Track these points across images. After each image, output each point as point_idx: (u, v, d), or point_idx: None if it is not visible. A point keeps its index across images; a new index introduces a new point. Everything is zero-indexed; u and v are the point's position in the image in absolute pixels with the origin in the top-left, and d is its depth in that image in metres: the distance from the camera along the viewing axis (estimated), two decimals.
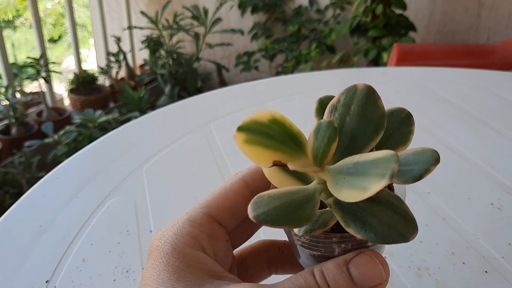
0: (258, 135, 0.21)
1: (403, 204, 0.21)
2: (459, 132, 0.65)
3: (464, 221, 0.47)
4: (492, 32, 2.13)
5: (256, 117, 0.22)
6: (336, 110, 0.23)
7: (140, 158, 0.60)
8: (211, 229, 0.25)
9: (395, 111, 0.25)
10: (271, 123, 0.22)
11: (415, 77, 0.87)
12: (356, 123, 0.23)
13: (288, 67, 2.33)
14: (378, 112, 0.22)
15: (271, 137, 0.22)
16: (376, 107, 0.23)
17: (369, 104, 0.23)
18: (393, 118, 0.25)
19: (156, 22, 2.39)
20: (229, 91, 0.81)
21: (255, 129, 0.21)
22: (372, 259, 0.22)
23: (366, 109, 0.23)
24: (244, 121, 0.21)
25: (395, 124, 0.25)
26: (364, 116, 0.22)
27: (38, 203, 0.51)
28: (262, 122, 0.22)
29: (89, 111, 1.87)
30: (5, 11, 3.94)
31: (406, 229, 0.20)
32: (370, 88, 0.23)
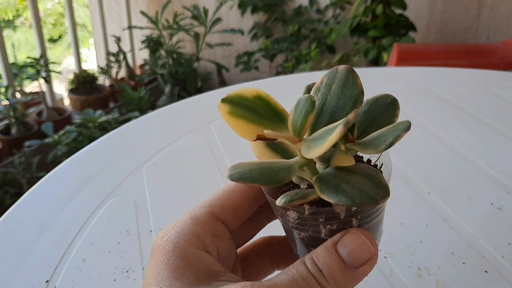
0: (242, 109, 0.23)
1: (378, 174, 0.22)
2: (459, 132, 0.65)
3: (464, 221, 0.47)
4: (492, 32, 2.13)
5: (241, 92, 0.23)
6: (319, 91, 0.25)
7: (140, 158, 0.60)
8: (214, 227, 0.25)
9: (381, 97, 0.26)
10: (255, 99, 0.23)
11: (415, 77, 0.87)
12: (336, 100, 0.24)
13: (288, 67, 2.33)
14: (356, 89, 0.24)
15: (255, 112, 0.23)
16: (355, 85, 0.24)
17: (348, 83, 0.24)
18: (379, 103, 0.26)
19: (156, 22, 2.39)
20: (229, 91, 0.81)
21: (239, 102, 0.23)
22: (358, 236, 0.23)
23: (345, 87, 0.24)
24: (229, 94, 0.23)
25: (381, 108, 0.26)
26: (343, 93, 0.24)
27: (38, 203, 0.51)
28: (246, 97, 0.23)
29: (89, 111, 1.87)
30: (5, 11, 3.94)
31: (377, 193, 0.21)
32: (350, 69, 0.24)
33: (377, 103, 0.26)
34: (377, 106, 0.26)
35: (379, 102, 0.26)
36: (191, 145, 0.63)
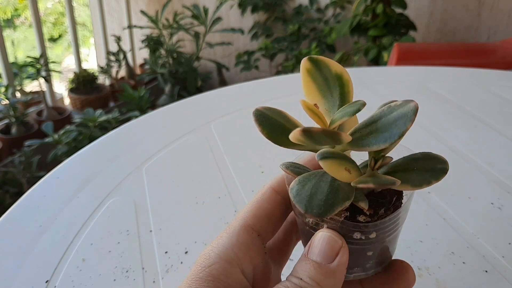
0: (319, 74, 0.25)
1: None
2: (459, 132, 0.65)
3: (464, 220, 0.47)
4: (493, 31, 2.13)
5: (328, 62, 0.25)
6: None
7: (140, 158, 0.60)
8: (249, 238, 0.26)
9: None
10: (334, 76, 0.25)
11: (415, 77, 0.87)
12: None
13: (288, 66, 2.33)
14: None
15: (328, 83, 0.25)
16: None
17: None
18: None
19: (156, 22, 2.39)
20: (229, 91, 0.81)
21: (321, 68, 0.25)
22: (321, 234, 0.24)
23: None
24: (319, 57, 0.25)
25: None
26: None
27: (38, 203, 0.51)
28: (330, 68, 0.25)
29: (89, 111, 1.87)
30: (5, 10, 3.94)
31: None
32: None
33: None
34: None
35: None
36: (191, 145, 0.63)
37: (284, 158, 0.26)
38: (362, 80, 0.84)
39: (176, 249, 0.44)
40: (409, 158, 0.25)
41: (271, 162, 0.57)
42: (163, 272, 0.41)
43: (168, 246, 0.44)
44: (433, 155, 0.25)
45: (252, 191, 0.52)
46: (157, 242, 0.45)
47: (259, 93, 0.79)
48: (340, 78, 0.25)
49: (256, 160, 0.58)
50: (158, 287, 0.40)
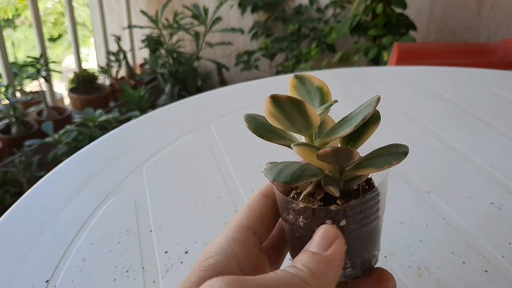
0: (303, 90, 0.29)
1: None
2: (459, 131, 0.65)
3: (464, 220, 0.47)
4: (493, 31, 2.13)
5: (310, 78, 0.29)
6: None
7: (140, 157, 0.60)
8: (245, 235, 0.27)
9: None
10: (315, 89, 0.29)
11: (415, 76, 0.87)
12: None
13: (288, 66, 2.33)
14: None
15: (310, 96, 0.29)
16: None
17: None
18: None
19: (156, 21, 2.39)
20: (229, 90, 0.81)
21: (305, 84, 0.29)
22: (319, 228, 0.25)
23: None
24: (304, 75, 0.29)
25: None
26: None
27: (38, 203, 0.51)
28: (312, 83, 0.29)
29: (89, 110, 1.87)
30: (5, 10, 3.94)
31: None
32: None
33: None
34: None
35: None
36: (191, 145, 0.63)
37: (284, 158, 0.26)
38: (362, 80, 0.84)
39: (176, 249, 0.44)
40: (376, 150, 0.27)
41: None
42: (163, 271, 0.41)
43: (168, 246, 0.44)
44: (397, 144, 0.27)
45: (252, 191, 0.52)
46: (157, 242, 0.45)
47: (259, 93, 0.79)
48: (321, 89, 0.28)
49: (256, 160, 0.58)
50: (158, 286, 0.40)
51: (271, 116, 0.25)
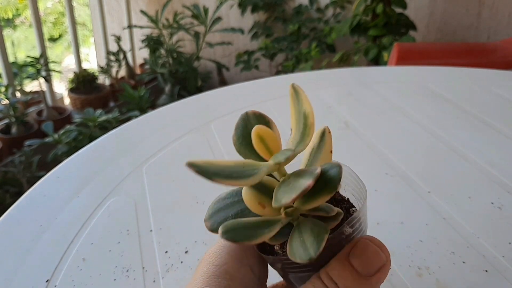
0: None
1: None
2: (459, 131, 0.65)
3: (464, 220, 0.47)
4: (493, 31, 2.13)
5: (302, 98, 0.26)
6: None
7: (140, 157, 0.60)
8: (243, 274, 0.26)
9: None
10: (301, 113, 0.26)
11: (415, 76, 0.87)
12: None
13: (288, 66, 2.33)
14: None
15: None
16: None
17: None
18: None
19: (156, 21, 2.39)
20: (229, 90, 0.81)
21: (298, 98, 0.26)
22: (369, 245, 0.23)
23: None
24: (298, 90, 0.26)
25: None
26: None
27: (38, 203, 0.51)
28: (301, 102, 0.26)
29: (89, 110, 1.87)
30: (5, 10, 3.94)
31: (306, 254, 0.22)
32: None
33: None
34: (246, 126, 0.28)
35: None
36: (191, 145, 0.63)
37: None
38: (362, 80, 0.84)
39: (176, 249, 0.44)
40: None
41: None
42: (163, 271, 0.41)
43: (168, 245, 0.44)
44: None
45: None
46: (157, 242, 0.45)
47: (259, 93, 0.79)
48: (306, 118, 0.25)
49: None
50: (158, 286, 0.40)
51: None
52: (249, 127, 0.26)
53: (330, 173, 0.22)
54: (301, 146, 0.24)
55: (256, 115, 0.27)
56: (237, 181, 0.22)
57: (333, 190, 0.22)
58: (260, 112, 0.27)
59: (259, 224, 0.23)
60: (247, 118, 0.27)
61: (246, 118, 0.27)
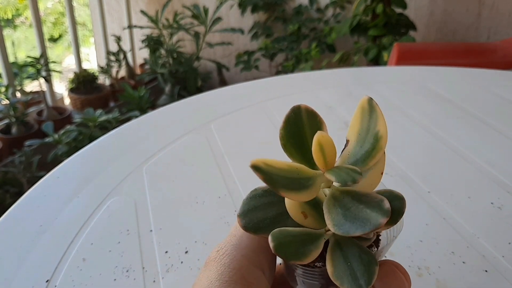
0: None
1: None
2: (459, 131, 0.65)
3: (464, 220, 0.47)
4: (493, 31, 2.13)
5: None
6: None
7: (140, 158, 0.60)
8: (267, 241, 0.25)
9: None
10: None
11: (415, 76, 0.87)
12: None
13: (288, 66, 2.33)
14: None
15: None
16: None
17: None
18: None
19: (156, 21, 2.39)
20: (229, 91, 0.81)
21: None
22: (395, 272, 0.22)
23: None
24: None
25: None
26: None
27: (38, 203, 0.51)
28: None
29: (89, 110, 1.87)
30: (5, 10, 3.94)
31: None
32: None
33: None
34: (296, 123, 0.26)
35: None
36: (191, 145, 0.63)
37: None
38: (362, 80, 0.84)
39: (176, 249, 0.44)
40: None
41: None
42: (163, 271, 0.41)
43: (168, 245, 0.44)
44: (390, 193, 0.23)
45: None
46: (157, 242, 0.45)
47: (259, 93, 0.79)
48: (378, 139, 0.24)
49: None
50: (158, 286, 0.40)
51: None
52: (299, 124, 0.25)
53: (393, 205, 0.21)
54: (363, 166, 0.23)
55: (308, 111, 0.25)
56: (297, 194, 0.22)
57: (392, 224, 0.21)
58: (313, 110, 0.25)
59: (304, 237, 0.22)
60: (298, 113, 0.25)
61: (297, 113, 0.25)
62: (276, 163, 0.23)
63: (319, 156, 0.22)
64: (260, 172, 0.22)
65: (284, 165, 0.23)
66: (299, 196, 0.22)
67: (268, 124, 0.67)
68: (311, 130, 0.25)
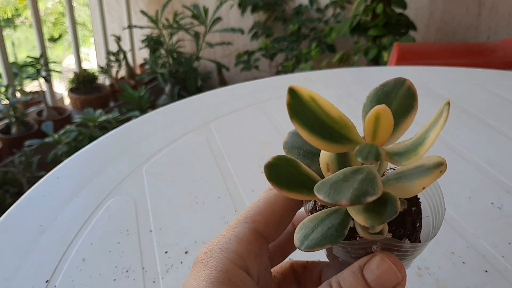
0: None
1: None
2: (459, 131, 0.65)
3: (464, 220, 0.47)
4: (493, 31, 2.13)
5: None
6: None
7: (140, 157, 0.60)
8: (258, 246, 0.25)
9: (393, 83, 0.25)
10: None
11: (415, 76, 0.87)
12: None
13: (288, 66, 2.33)
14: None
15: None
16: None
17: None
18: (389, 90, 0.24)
19: (156, 21, 2.39)
20: (229, 91, 0.81)
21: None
22: (385, 261, 0.22)
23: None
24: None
25: (395, 98, 0.24)
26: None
27: (38, 203, 0.51)
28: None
29: (89, 111, 1.87)
30: (5, 10, 3.94)
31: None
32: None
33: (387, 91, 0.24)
34: (388, 94, 0.24)
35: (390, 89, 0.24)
36: (191, 145, 0.63)
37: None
38: (362, 80, 0.84)
39: (176, 249, 0.44)
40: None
41: None
42: (163, 272, 0.41)
43: (168, 246, 0.44)
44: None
45: (252, 191, 0.52)
46: (157, 242, 0.45)
47: (259, 93, 0.79)
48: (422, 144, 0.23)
49: (256, 160, 0.58)
50: (158, 287, 0.40)
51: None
52: (391, 94, 0.24)
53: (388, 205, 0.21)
54: (411, 157, 0.22)
55: (409, 89, 0.24)
56: (321, 142, 0.21)
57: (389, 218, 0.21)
58: (415, 90, 0.23)
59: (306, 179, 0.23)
60: (399, 84, 0.24)
61: (398, 84, 0.24)
62: (327, 104, 0.21)
63: (369, 128, 0.21)
64: (293, 99, 0.21)
65: (335, 111, 0.22)
66: (323, 145, 0.21)
67: (268, 124, 0.67)
68: (399, 107, 0.23)
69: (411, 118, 0.23)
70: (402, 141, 0.23)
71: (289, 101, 0.21)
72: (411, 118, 0.23)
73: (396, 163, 0.22)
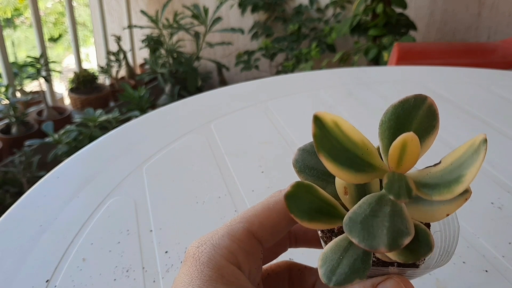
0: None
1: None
2: (459, 131, 0.65)
3: (464, 220, 0.47)
4: (493, 31, 2.13)
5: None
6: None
7: (140, 157, 0.60)
8: (250, 246, 0.25)
9: (413, 100, 0.23)
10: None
11: (416, 76, 0.87)
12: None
13: (288, 66, 2.33)
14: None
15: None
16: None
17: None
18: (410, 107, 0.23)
19: (156, 21, 2.39)
20: (229, 90, 0.81)
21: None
22: (399, 286, 0.22)
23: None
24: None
25: (416, 117, 0.23)
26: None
27: (38, 203, 0.51)
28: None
29: (89, 110, 1.87)
30: (5, 10, 3.94)
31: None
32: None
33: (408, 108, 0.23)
34: (408, 113, 0.23)
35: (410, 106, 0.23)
36: (191, 145, 0.63)
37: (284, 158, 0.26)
38: (362, 80, 0.84)
39: (176, 249, 0.44)
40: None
41: (271, 162, 0.57)
42: (163, 271, 0.41)
43: (168, 245, 0.44)
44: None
45: (252, 191, 0.52)
46: (157, 242, 0.45)
47: (259, 93, 0.79)
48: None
49: (256, 160, 0.58)
50: (158, 286, 0.40)
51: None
52: (411, 113, 0.22)
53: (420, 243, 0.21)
54: (443, 193, 0.21)
55: (430, 108, 0.22)
56: (343, 171, 0.20)
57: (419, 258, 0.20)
58: (436, 109, 0.22)
59: (323, 205, 0.22)
60: (419, 103, 0.22)
61: (418, 103, 0.22)
62: (350, 128, 0.21)
63: (394, 155, 0.21)
64: (319, 129, 0.20)
65: (357, 135, 0.21)
66: (349, 176, 0.20)
67: (268, 124, 0.67)
68: (420, 127, 0.22)
69: (432, 139, 0.23)
70: (427, 168, 0.22)
71: (315, 132, 0.20)
72: (432, 139, 0.23)
73: (426, 196, 0.21)
